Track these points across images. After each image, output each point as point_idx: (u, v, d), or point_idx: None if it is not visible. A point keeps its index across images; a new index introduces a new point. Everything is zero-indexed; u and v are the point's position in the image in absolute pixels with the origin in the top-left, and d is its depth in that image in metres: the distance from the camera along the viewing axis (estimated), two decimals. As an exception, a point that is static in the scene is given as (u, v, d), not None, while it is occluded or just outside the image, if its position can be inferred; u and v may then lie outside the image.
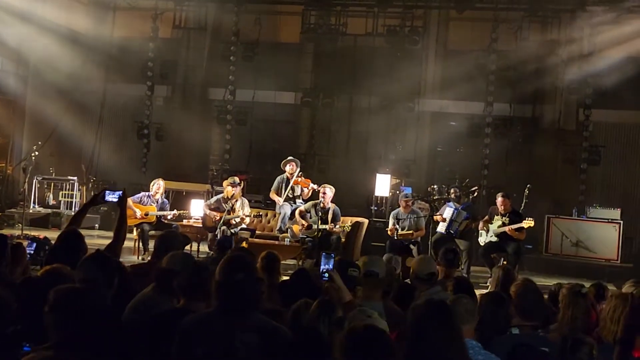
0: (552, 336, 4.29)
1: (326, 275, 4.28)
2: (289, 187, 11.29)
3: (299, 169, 11.45)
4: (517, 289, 4.39)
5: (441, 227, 10.81)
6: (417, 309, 3.12)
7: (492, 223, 10.39)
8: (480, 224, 10.52)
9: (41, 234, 10.48)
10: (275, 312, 3.81)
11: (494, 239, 10.27)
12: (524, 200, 11.66)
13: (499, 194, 10.54)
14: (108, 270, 3.88)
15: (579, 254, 12.68)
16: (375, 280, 4.53)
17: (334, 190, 10.77)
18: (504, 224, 10.20)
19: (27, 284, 4.05)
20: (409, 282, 5.57)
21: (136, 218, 10.55)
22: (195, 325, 3.15)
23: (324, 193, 10.64)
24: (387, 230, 10.75)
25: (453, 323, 3.10)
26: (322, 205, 10.58)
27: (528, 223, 10.02)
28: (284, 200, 11.26)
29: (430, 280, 5.18)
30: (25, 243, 5.61)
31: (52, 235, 7.00)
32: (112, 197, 5.38)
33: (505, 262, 9.99)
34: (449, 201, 11.35)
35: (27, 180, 12.67)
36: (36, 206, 14.42)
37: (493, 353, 3.60)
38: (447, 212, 10.79)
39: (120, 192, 5.42)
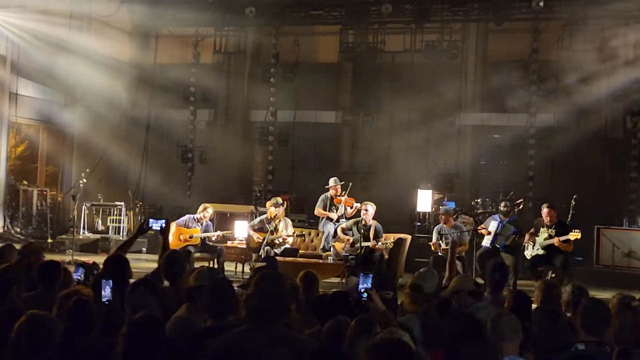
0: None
1: (365, 294, 4.26)
2: (333, 207, 11.32)
3: (342, 190, 11.48)
4: (583, 303, 4.29)
5: (486, 241, 10.65)
6: (450, 325, 3.10)
7: (538, 236, 10.18)
8: (527, 237, 10.31)
9: (90, 259, 10.66)
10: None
11: (541, 251, 10.06)
12: (571, 212, 11.42)
13: (544, 205, 10.34)
14: (159, 297, 3.95)
15: (631, 265, 12.30)
16: (418, 294, 4.48)
17: (375, 207, 10.73)
18: (550, 236, 9.99)
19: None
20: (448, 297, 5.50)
21: (180, 241, 10.67)
22: (225, 345, 3.17)
23: (366, 210, 10.62)
24: (430, 246, 10.65)
25: (485, 338, 3.05)
26: (364, 222, 10.55)
27: (575, 235, 9.79)
28: (327, 219, 11.28)
29: (474, 296, 5.05)
30: (72, 269, 5.74)
31: (101, 259, 7.15)
32: (156, 225, 5.51)
33: (553, 275, 9.78)
34: (495, 214, 11.19)
35: (76, 207, 12.99)
36: (85, 232, 14.75)
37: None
38: (492, 225, 10.63)
39: (164, 220, 5.55)
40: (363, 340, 3.45)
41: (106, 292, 4.35)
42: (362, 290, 4.21)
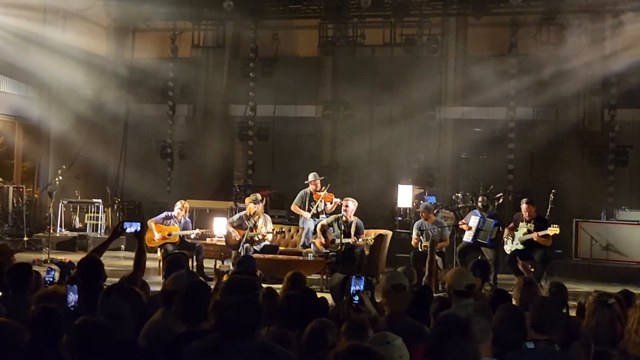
0: (575, 348, 4.17)
1: (356, 297, 4.22)
2: (312, 203, 11.26)
3: (322, 185, 11.44)
4: (534, 301, 4.28)
5: (467, 236, 10.67)
6: (437, 325, 3.10)
7: (517, 230, 10.22)
8: (506, 232, 10.35)
9: (67, 257, 10.53)
10: (281, 336, 3.73)
11: (520, 246, 10.10)
12: (550, 206, 11.47)
13: (523, 201, 10.38)
14: (133, 303, 3.87)
15: (609, 258, 12.43)
16: (404, 293, 4.45)
17: (356, 203, 10.70)
18: (529, 231, 10.02)
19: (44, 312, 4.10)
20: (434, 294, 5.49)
21: (155, 241, 10.60)
22: (198, 353, 3.10)
23: (347, 206, 10.58)
24: (411, 242, 10.65)
25: (470, 340, 3.05)
26: (344, 218, 10.52)
27: (553, 230, 9.83)
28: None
29: (468, 293, 4.98)
30: (43, 270, 5.65)
31: (78, 258, 7.05)
32: (130, 228, 5.45)
33: (532, 270, 9.81)
34: (474, 209, 11.21)
35: (52, 204, 12.81)
36: (63, 229, 14.57)
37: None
38: (473, 220, 10.64)
39: (139, 223, 5.48)
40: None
41: (71, 298, 4.28)
42: (354, 292, 4.17)
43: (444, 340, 3.17)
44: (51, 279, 5.46)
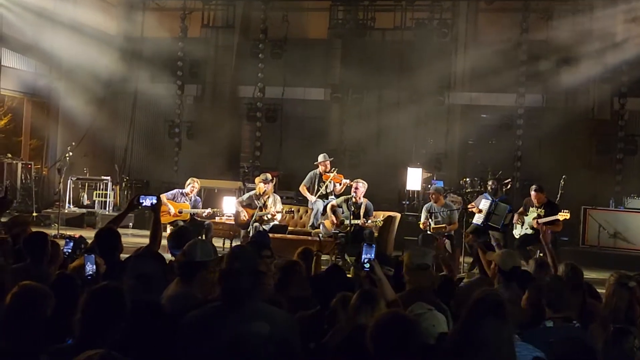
0: (594, 328, 4.19)
1: (367, 265, 4.24)
2: (322, 184, 11.27)
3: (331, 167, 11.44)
4: (545, 281, 4.31)
5: (477, 219, 10.66)
6: (474, 303, 3.07)
7: (527, 215, 10.22)
8: (515, 217, 10.34)
9: (76, 233, 10.59)
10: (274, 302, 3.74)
11: (530, 231, 10.09)
12: (560, 192, 11.47)
13: (532, 188, 10.32)
14: (162, 267, 3.92)
15: (617, 246, 12.45)
16: (427, 273, 4.47)
17: (366, 185, 10.70)
18: (539, 216, 10.02)
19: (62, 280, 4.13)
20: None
21: (170, 215, 10.61)
22: (201, 319, 3.14)
23: (356, 188, 10.58)
24: (419, 224, 10.67)
25: (507, 322, 3.03)
26: (354, 200, 10.53)
27: (564, 215, 9.81)
28: (317, 197, 11.25)
29: (513, 274, 4.98)
30: (62, 242, 5.67)
31: (87, 234, 7.09)
32: (146, 202, 5.46)
33: (541, 255, 9.83)
34: (484, 193, 11.21)
35: (62, 180, 12.84)
36: (71, 206, 14.62)
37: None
38: (484, 203, 10.62)
39: (155, 197, 5.50)
40: (366, 314, 3.43)
41: (88, 268, 4.31)
42: (365, 261, 4.19)
43: (480, 318, 3.05)
44: (69, 250, 5.49)
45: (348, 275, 5.06)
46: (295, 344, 3.14)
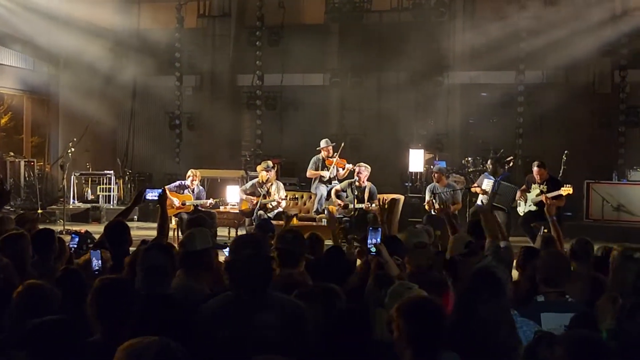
0: (602, 302, 4.19)
1: (373, 249, 4.26)
2: (325, 168, 11.28)
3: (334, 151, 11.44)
4: (541, 256, 4.32)
5: (481, 200, 10.66)
6: (472, 278, 3.11)
7: (530, 192, 10.22)
8: (518, 194, 10.35)
9: (82, 228, 10.64)
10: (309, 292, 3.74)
11: (533, 208, 10.10)
12: (562, 167, 11.46)
13: (535, 164, 10.34)
14: (172, 259, 3.93)
15: (621, 219, 12.46)
16: (426, 251, 4.49)
17: (369, 169, 10.71)
18: (542, 192, 10.02)
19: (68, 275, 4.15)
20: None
21: (174, 208, 10.64)
22: (214, 309, 3.14)
23: (360, 172, 10.60)
24: (424, 205, 10.68)
25: (503, 296, 3.06)
26: (357, 184, 10.55)
27: (567, 190, 9.81)
28: (319, 182, 11.26)
29: (470, 253, 4.98)
30: (67, 238, 5.70)
31: (93, 229, 7.12)
32: (152, 195, 5.52)
33: (545, 231, 9.84)
34: (485, 172, 11.21)
35: (65, 177, 12.87)
36: (75, 202, 14.66)
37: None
38: (487, 184, 10.62)
39: (160, 190, 5.55)
40: (380, 297, 3.46)
41: (95, 263, 4.35)
42: (371, 244, 4.21)
43: (477, 294, 3.12)
44: (75, 245, 5.52)
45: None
46: (306, 333, 3.15)
